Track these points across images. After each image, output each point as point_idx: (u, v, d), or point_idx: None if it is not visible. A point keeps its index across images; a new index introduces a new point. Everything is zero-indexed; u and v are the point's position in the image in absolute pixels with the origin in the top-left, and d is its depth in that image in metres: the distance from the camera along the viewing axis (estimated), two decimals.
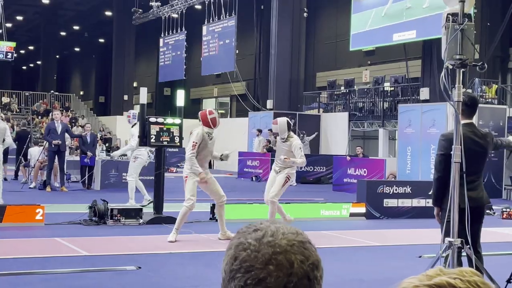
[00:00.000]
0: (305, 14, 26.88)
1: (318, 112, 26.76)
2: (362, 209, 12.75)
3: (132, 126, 13.56)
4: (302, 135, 23.41)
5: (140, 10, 35.62)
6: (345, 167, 19.94)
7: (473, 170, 5.38)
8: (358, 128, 24.15)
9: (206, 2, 29.33)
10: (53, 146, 16.01)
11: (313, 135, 24.04)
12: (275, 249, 1.16)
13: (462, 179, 4.98)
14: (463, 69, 4.82)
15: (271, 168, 25.06)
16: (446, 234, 4.92)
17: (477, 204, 5.28)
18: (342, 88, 26.74)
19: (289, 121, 10.41)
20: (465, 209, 4.89)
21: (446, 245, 4.82)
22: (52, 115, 17.69)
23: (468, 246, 4.86)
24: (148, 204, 12.97)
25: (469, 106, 5.47)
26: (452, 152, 4.91)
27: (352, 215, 12.67)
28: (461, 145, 4.97)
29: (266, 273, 1.14)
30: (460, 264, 4.89)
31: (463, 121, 5.37)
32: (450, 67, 4.83)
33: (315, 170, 23.21)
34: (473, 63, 4.83)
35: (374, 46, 25.85)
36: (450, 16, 4.82)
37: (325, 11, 33.10)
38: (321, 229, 11.23)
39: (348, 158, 19.99)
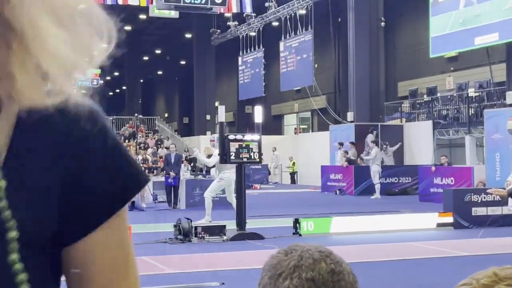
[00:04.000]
0: (382, 24, 26.58)
1: (401, 122, 26.29)
2: (449, 219, 12.41)
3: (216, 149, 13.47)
4: (385, 146, 23.07)
5: (218, 31, 36.21)
6: (431, 177, 19.47)
7: None
8: (443, 136, 23.56)
9: (283, 18, 29.52)
10: None
11: (397, 146, 23.61)
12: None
13: None
14: None
15: (354, 181, 24.85)
16: None
17: None
18: (425, 96, 26.19)
19: None
20: None
21: None
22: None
23: None
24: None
25: None
26: None
27: (439, 225, 12.34)
28: None
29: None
30: None
31: None
32: None
33: (400, 181, 22.80)
34: None
35: (456, 52, 25.20)
36: None
37: (403, 19, 32.60)
38: (408, 240, 11.02)
39: (433, 168, 19.53)
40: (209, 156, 14.35)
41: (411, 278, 8.19)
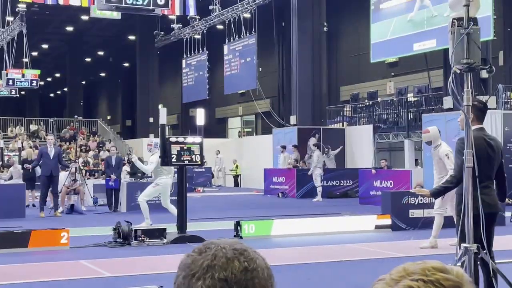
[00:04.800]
0: (325, 29, 26.89)
1: (343, 125, 26.66)
2: (387, 221, 12.64)
3: (152, 155, 13.23)
4: (327, 149, 23.34)
5: (162, 33, 35.97)
6: (371, 180, 19.81)
7: (490, 175, 5.34)
8: (383, 140, 24.00)
9: (227, 22, 29.54)
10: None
11: (338, 149, 23.93)
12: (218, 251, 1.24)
13: (476, 184, 4.92)
14: (471, 73, 4.79)
15: (297, 184, 24.99)
16: (462, 240, 4.86)
17: (493, 210, 5.23)
18: (366, 100, 26.64)
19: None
20: (480, 215, 4.83)
21: (462, 251, 4.75)
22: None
23: (485, 251, 4.79)
24: None
25: (482, 111, 5.45)
26: (464, 157, 4.86)
27: (377, 227, 12.56)
28: (473, 149, 4.91)
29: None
30: (476, 269, 4.82)
31: (477, 126, 5.34)
32: (458, 71, 4.80)
33: (341, 184, 23.10)
34: (481, 66, 4.79)
35: (395, 57, 25.74)
36: (456, 21, 4.80)
37: (346, 25, 33.10)
38: (347, 242, 11.18)
39: (373, 171, 19.88)
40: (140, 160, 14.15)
41: (348, 278, 8.33)
